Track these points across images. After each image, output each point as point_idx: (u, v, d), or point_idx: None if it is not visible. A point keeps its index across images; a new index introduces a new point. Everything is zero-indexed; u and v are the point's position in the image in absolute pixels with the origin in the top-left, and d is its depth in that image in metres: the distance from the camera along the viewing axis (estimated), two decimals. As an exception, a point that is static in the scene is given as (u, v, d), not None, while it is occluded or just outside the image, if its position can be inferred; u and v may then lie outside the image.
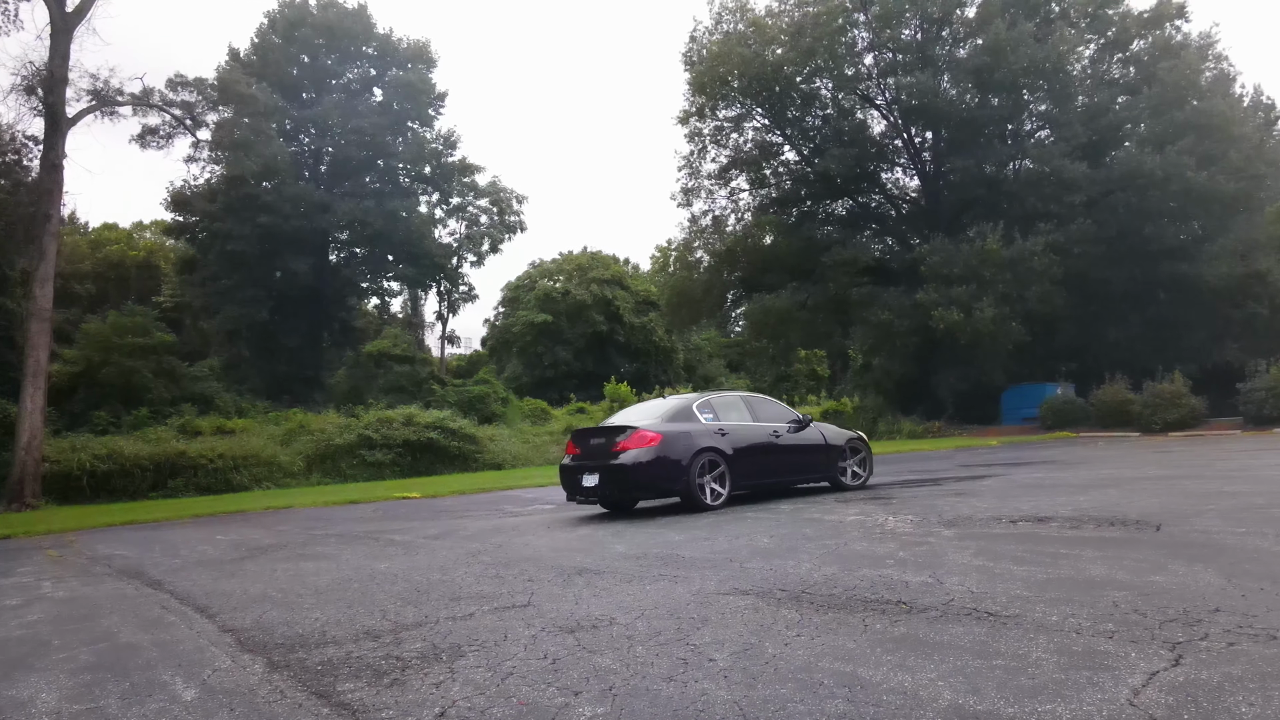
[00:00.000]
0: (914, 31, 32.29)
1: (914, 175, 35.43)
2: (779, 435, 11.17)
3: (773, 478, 11.42)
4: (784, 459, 11.25)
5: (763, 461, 11.03)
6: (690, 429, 10.49)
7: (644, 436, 10.15)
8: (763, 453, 11.00)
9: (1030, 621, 3.87)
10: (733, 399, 11.72)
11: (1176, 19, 31.33)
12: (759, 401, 11.94)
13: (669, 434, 10.23)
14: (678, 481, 10.13)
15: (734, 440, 10.66)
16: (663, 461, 10.06)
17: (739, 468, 10.61)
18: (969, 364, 29.22)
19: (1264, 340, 28.84)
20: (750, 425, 11.14)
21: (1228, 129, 28.47)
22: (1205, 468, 11.57)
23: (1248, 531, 5.95)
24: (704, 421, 10.74)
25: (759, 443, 10.97)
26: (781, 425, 11.30)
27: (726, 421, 10.91)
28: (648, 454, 10.02)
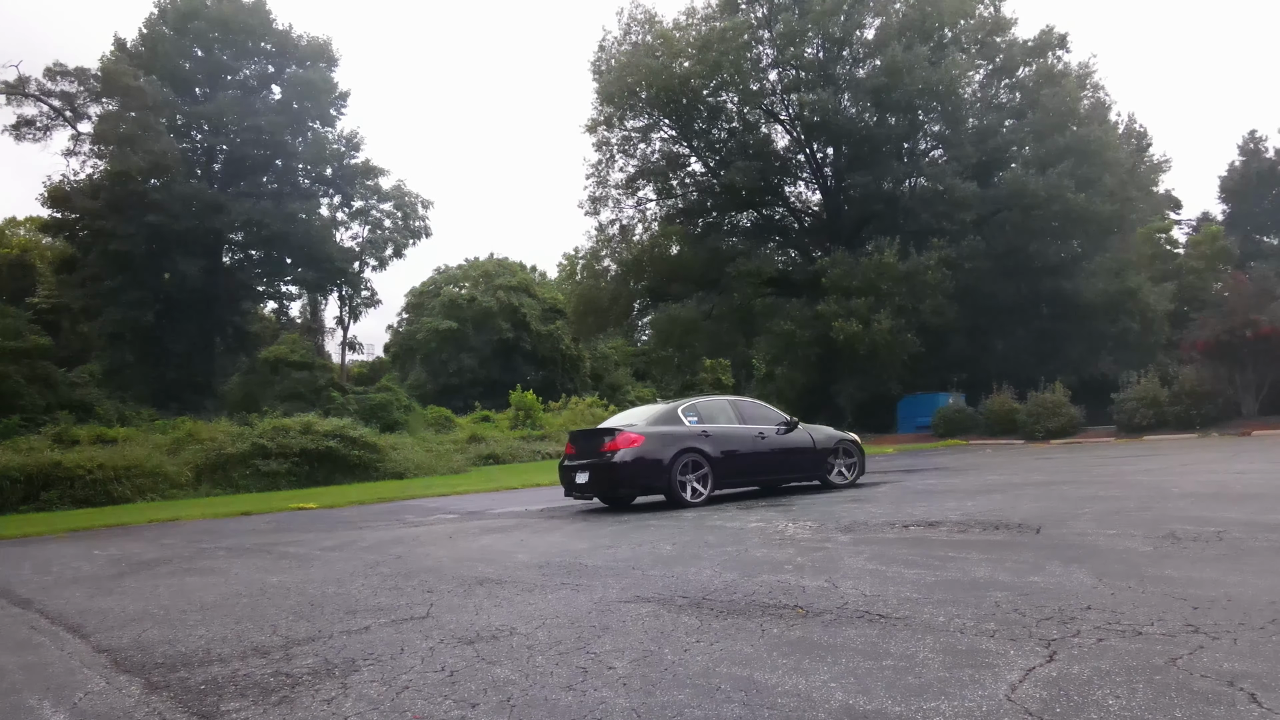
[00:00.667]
0: (816, 50, 33.21)
1: (816, 190, 36.40)
2: (764, 437, 11.81)
3: (759, 477, 12.13)
4: (770, 460, 11.86)
5: (747, 462, 11.69)
6: (673, 431, 11.22)
7: (628, 438, 10.92)
8: (747, 454, 11.66)
9: (919, 622, 4.01)
10: (721, 403, 12.54)
11: (1058, 49, 33.16)
12: (748, 405, 12.69)
13: (651, 435, 11.02)
14: (659, 480, 10.92)
15: (717, 442, 11.34)
16: (645, 461, 10.84)
17: (722, 468, 11.31)
18: (867, 374, 30.15)
19: (1135, 353, 30.72)
20: (735, 428, 11.78)
21: (1104, 154, 30.23)
22: (1082, 473, 12.23)
23: (1118, 533, 6.32)
24: (688, 424, 11.41)
25: (744, 444, 11.64)
26: (769, 428, 11.95)
27: (711, 425, 11.56)
28: (631, 454, 10.80)
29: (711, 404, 12.41)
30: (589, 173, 35.96)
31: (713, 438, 11.38)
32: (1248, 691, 2.83)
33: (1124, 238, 32.10)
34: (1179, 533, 6.14)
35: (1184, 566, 4.99)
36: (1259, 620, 3.68)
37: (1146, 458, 14.98)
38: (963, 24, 33.22)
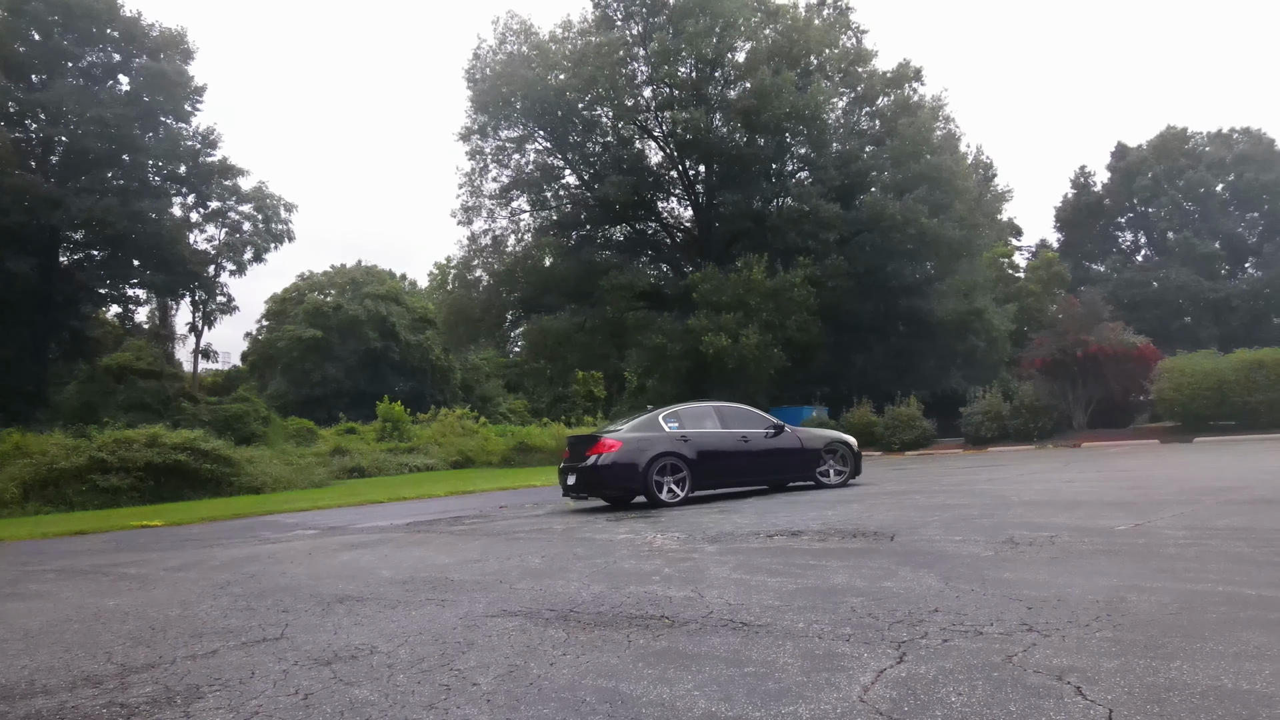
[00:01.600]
0: (689, 70, 33.92)
1: (688, 206, 37.06)
2: (748, 440, 12.53)
3: (742, 478, 12.89)
4: (754, 462, 12.58)
5: (729, 464, 12.43)
6: (651, 436, 12.04)
7: (606, 444, 11.90)
8: (728, 456, 12.39)
9: (780, 629, 4.13)
10: (705, 409, 13.13)
11: (914, 81, 35.06)
12: (733, 410, 13.29)
13: (629, 440, 11.92)
14: (635, 481, 11.73)
15: (696, 446, 12.11)
16: (621, 465, 11.70)
17: (701, 470, 12.06)
18: (735, 387, 30.84)
19: (982, 369, 32.78)
20: (715, 432, 12.49)
21: (954, 182, 32.12)
22: (932, 483, 12.91)
23: (963, 540, 6.70)
24: (667, 430, 12.19)
25: (724, 448, 12.39)
26: (755, 431, 12.67)
27: (691, 429, 12.30)
28: (608, 458, 11.74)
29: (695, 410, 13.04)
30: (462, 182, 35.46)
31: (691, 442, 12.10)
32: (1074, 684, 3.05)
33: (972, 261, 34.15)
34: (1017, 538, 6.57)
35: (1020, 569, 5.34)
36: (1085, 618, 3.98)
37: (990, 468, 15.96)
38: (828, 53, 34.65)
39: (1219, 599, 4.22)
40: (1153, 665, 3.21)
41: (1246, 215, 48.57)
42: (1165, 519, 7.19)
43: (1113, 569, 5.18)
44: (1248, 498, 8.41)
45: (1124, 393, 25.66)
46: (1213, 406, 22.76)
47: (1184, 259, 46.70)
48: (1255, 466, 12.56)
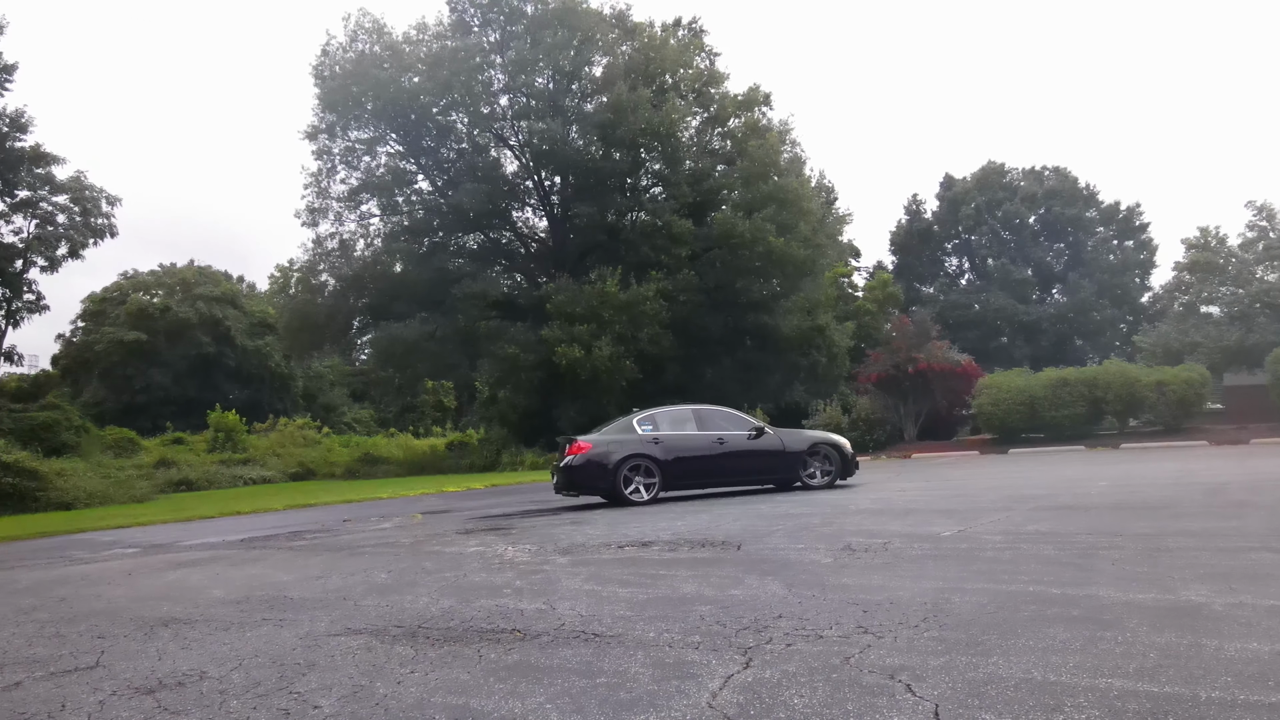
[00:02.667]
0: (547, 81, 33.96)
1: (543, 216, 37.03)
2: (724, 442, 12.88)
3: (718, 479, 13.27)
4: (731, 463, 12.95)
5: (702, 465, 12.84)
6: (621, 439, 12.71)
7: (580, 445, 12.70)
8: (702, 458, 12.81)
9: (631, 639, 4.18)
10: (684, 413, 13.55)
11: (764, 105, 36.45)
12: (713, 413, 13.64)
13: (599, 443, 12.68)
14: (604, 481, 12.43)
15: (667, 447, 12.63)
16: (592, 465, 12.44)
17: (673, 471, 12.59)
18: (588, 398, 30.99)
19: (823, 383, 34.34)
20: (688, 434, 12.95)
21: (800, 203, 33.57)
22: (776, 492, 13.39)
23: (805, 547, 6.99)
24: (640, 433, 12.77)
25: (698, 450, 12.82)
26: (735, 433, 13.02)
27: (664, 432, 12.82)
28: (580, 459, 12.52)
29: (673, 413, 13.52)
30: (308, 182, 34.08)
31: (663, 444, 12.63)
32: (905, 682, 3.25)
33: (815, 280, 35.76)
34: (854, 545, 6.92)
35: (857, 575, 5.62)
36: (914, 619, 4.24)
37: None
38: (682, 73, 35.54)
39: (1030, 598, 4.59)
40: (973, 661, 3.45)
41: (1054, 246, 53.16)
42: (984, 525, 7.76)
43: (939, 572, 5.54)
44: (1053, 504, 9.18)
45: (949, 407, 27.52)
46: (1025, 420, 24.77)
47: (1001, 284, 50.60)
48: (1060, 475, 13.74)
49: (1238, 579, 4.74)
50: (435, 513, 13.53)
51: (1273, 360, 23.66)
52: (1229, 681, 3.01)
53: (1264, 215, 36.94)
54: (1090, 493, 10.29)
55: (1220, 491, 9.45)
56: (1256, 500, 8.44)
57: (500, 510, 13.03)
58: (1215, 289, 37.28)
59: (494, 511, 12.79)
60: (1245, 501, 8.36)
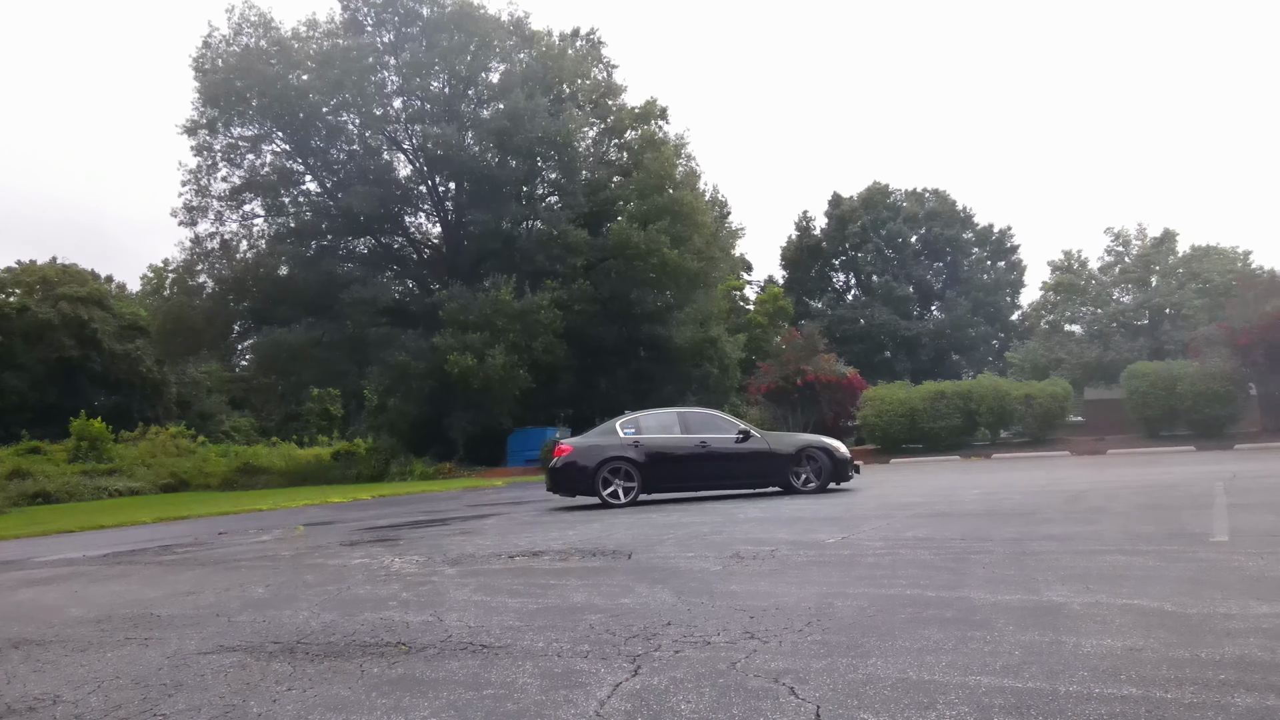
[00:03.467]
0: (442, 85, 33.45)
1: (437, 222, 36.40)
2: (706, 445, 12.91)
3: (701, 482, 13.33)
4: (714, 466, 12.97)
5: (683, 469, 12.95)
6: (602, 442, 13.01)
7: (562, 448, 13.20)
8: (683, 461, 12.91)
9: (520, 650, 4.14)
10: (669, 416, 13.73)
11: (660, 119, 36.85)
12: (698, 417, 13.77)
13: (579, 446, 13.12)
14: (584, 484, 12.77)
15: (647, 450, 12.78)
16: (572, 467, 12.83)
17: (652, 474, 12.75)
18: (480, 408, 30.57)
19: (715, 394, 34.89)
20: (670, 438, 13.08)
21: (694, 216, 34.06)
22: (667, 502, 13.49)
23: (695, 555, 7.08)
24: (622, 436, 12.97)
25: (679, 453, 12.93)
26: (719, 437, 13.01)
27: (646, 435, 12.97)
28: (561, 462, 12.95)
29: (657, 416, 13.74)
30: (186, 179, 32.47)
31: (642, 447, 12.79)
32: (788, 685, 3.32)
33: (708, 292, 36.33)
34: (743, 552, 7.05)
35: (745, 582, 5.73)
36: (798, 624, 4.35)
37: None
38: (580, 83, 35.62)
39: (907, 601, 4.78)
40: (853, 663, 3.57)
41: (934, 264, 55.67)
42: (866, 532, 8.03)
43: (823, 578, 5.70)
44: (930, 512, 9.59)
45: (835, 418, 28.37)
46: (905, 431, 25.78)
47: (885, 300, 52.61)
48: (936, 484, 14.36)
49: (1094, 580, 5.05)
50: (319, 524, 13.08)
51: (1127, 376, 25.35)
52: (1085, 676, 3.20)
53: (1120, 241, 39.67)
54: (964, 500, 10.79)
55: (1080, 499, 10.05)
56: (1111, 507, 9.02)
57: (388, 521, 12.69)
58: (1077, 309, 39.78)
59: (381, 522, 12.44)
60: (1101, 508, 8.92)
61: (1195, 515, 7.73)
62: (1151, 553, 5.90)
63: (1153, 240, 39.16)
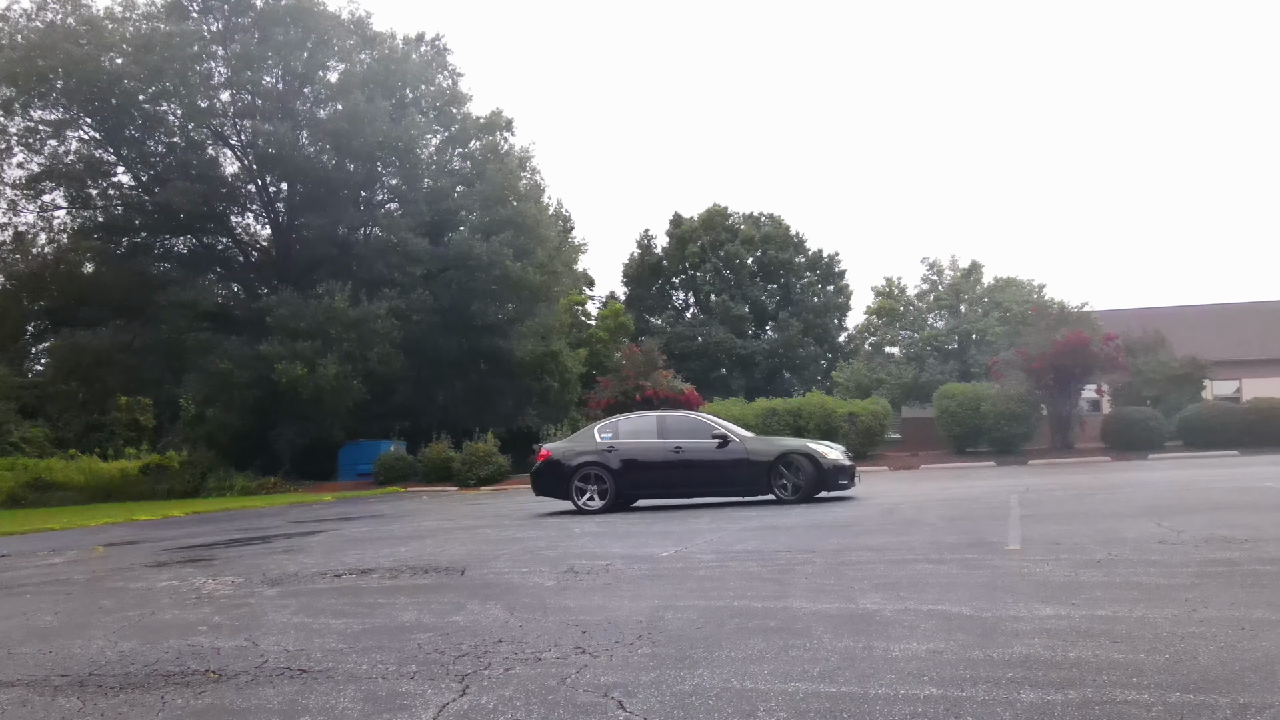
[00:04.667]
0: (276, 81, 31.93)
1: (266, 224, 34.58)
2: (681, 451, 12.42)
3: (675, 489, 12.81)
4: (689, 473, 12.46)
5: (657, 475, 12.54)
6: (578, 447, 12.89)
7: (542, 453, 13.30)
8: (657, 467, 12.48)
9: (342, 673, 3.97)
10: (648, 420, 13.33)
11: (505, 130, 36.65)
12: (678, 420, 13.25)
13: (557, 450, 13.11)
14: (559, 488, 12.75)
15: (621, 455, 12.45)
16: (549, 472, 12.90)
17: (625, 480, 12.44)
18: (310, 419, 29.20)
19: (555, 408, 34.86)
20: (645, 443, 12.60)
21: (537, 230, 34.00)
22: (505, 517, 13.35)
23: (530, 571, 7.03)
24: (599, 440, 12.72)
25: (653, 458, 12.49)
26: (695, 442, 12.43)
27: (621, 440, 12.63)
28: (541, 466, 13.08)
29: (637, 420, 13.43)
30: (-25, 162, 29.37)
31: (616, 452, 12.48)
32: (617, 699, 3.35)
33: (550, 306, 36.31)
34: (577, 567, 7.06)
35: (579, 596, 5.74)
36: (629, 637, 4.40)
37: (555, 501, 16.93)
38: (424, 89, 34.89)
39: (735, 612, 4.93)
40: (681, 675, 3.64)
41: (769, 286, 57.98)
42: (698, 545, 8.23)
43: (655, 591, 5.80)
44: (759, 525, 9.94)
45: (672, 433, 28.93)
46: (739, 446, 26.60)
47: (722, 319, 54.31)
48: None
49: (904, 587, 5.39)
50: (122, 544, 12.08)
51: (938, 396, 27.26)
52: (893, 679, 3.41)
53: (934, 271, 42.74)
54: (790, 513, 11.26)
55: (894, 511, 10.71)
56: (922, 519, 9.66)
57: (202, 540, 11.87)
58: (897, 332, 42.50)
59: (195, 541, 11.62)
60: (913, 520, 9.53)
61: (993, 526, 8.40)
62: (955, 561, 6.35)
63: (962, 271, 42.42)
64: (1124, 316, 32.94)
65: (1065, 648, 3.71)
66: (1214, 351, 29.95)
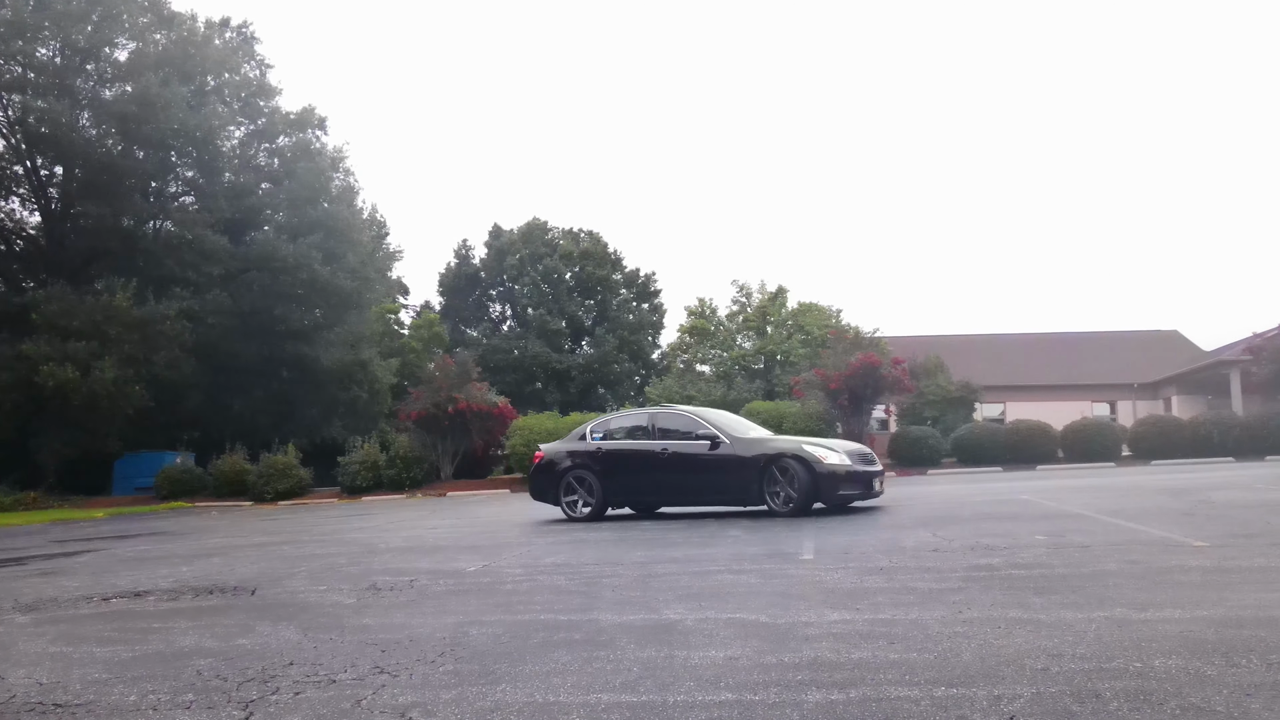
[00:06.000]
0: (54, 54, 28.97)
1: (36, 210, 31.18)
2: (665, 452, 11.05)
3: (666, 497, 11.56)
4: (679, 479, 11.10)
5: (643, 480, 11.29)
6: (570, 448, 11.81)
7: (537, 454, 12.30)
8: (642, 472, 11.22)
9: (105, 706, 3.62)
10: (638, 417, 12.00)
11: (318, 128, 35.05)
12: (669, 418, 11.57)
13: (550, 452, 12.05)
14: (550, 493, 11.74)
15: (608, 458, 11.34)
16: (542, 475, 11.95)
17: (611, 485, 11.33)
18: (81, 428, 26.49)
19: (363, 419, 33.49)
20: (631, 444, 11.42)
21: (349, 233, 32.70)
22: (303, 533, 12.67)
23: (328, 589, 6.70)
24: (590, 441, 11.64)
25: (637, 462, 11.24)
26: (688, 443, 10.98)
27: (610, 441, 11.57)
28: (535, 469, 12.16)
29: (627, 418, 12.27)
30: None
31: (603, 453, 11.43)
32: (414, 719, 3.25)
33: (361, 313, 34.94)
34: (380, 584, 6.80)
35: (380, 614, 5.53)
36: (431, 655, 4.28)
37: (362, 517, 16.28)
38: (228, 77, 32.80)
39: (541, 626, 4.91)
40: (483, 691, 3.58)
41: (586, 302, 58.52)
42: (507, 559, 8.15)
43: (461, 607, 5.68)
44: (570, 539, 9.97)
45: (485, 446, 28.53)
46: (553, 460, 26.59)
47: (539, 333, 54.25)
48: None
49: (706, 597, 5.57)
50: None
51: (745, 413, 28.41)
52: (691, 686, 3.50)
53: (744, 293, 44.67)
54: (599, 526, 11.36)
55: (699, 524, 11.05)
56: (724, 531, 10.01)
57: None
58: (708, 351, 44.02)
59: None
60: (717, 533, 9.86)
61: (790, 536, 8.84)
62: (754, 571, 6.63)
63: (769, 295, 44.58)
64: (910, 343, 35.71)
65: (849, 650, 3.96)
66: (984, 377, 33.03)
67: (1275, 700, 2.91)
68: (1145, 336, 44.85)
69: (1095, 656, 3.60)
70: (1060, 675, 3.36)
